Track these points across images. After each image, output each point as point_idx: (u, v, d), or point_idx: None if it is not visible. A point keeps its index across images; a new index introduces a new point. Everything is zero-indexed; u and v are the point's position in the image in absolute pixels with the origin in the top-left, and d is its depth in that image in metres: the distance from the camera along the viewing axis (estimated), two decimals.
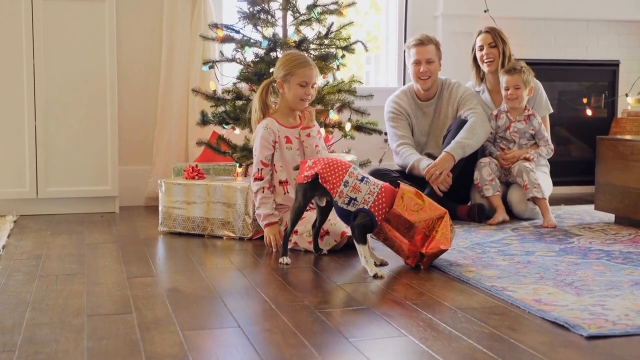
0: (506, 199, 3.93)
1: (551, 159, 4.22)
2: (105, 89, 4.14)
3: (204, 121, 3.90)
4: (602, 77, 5.35)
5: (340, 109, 3.95)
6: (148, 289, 2.51)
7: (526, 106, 4.00)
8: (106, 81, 4.14)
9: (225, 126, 3.89)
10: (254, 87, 3.82)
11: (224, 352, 1.92)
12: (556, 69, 5.22)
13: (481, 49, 4.12)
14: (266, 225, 3.20)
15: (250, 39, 3.84)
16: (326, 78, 3.96)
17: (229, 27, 3.89)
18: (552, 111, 4.20)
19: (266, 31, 3.84)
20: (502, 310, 2.26)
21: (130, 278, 2.66)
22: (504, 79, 3.95)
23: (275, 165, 3.25)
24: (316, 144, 3.28)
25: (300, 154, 3.28)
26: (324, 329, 2.08)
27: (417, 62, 4.03)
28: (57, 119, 4.09)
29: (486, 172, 3.88)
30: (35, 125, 4.05)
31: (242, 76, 3.82)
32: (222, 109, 3.86)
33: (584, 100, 5.34)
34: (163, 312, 2.22)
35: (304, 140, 3.27)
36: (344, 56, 3.90)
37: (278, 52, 3.80)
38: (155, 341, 1.96)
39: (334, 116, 3.92)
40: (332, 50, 3.87)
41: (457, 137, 3.84)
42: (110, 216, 4.11)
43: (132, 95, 4.48)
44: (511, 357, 1.85)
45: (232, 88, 3.87)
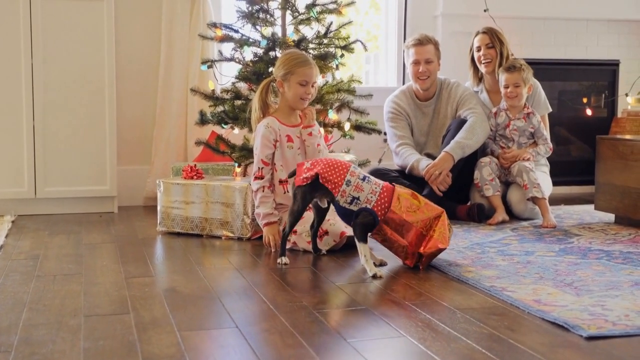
0: (506, 198, 3.92)
1: (551, 159, 4.21)
2: (104, 88, 4.13)
3: (203, 121, 3.89)
4: (602, 76, 5.34)
5: (339, 108, 3.94)
6: (146, 289, 2.49)
7: (525, 104, 3.99)
8: (105, 81, 4.13)
9: (224, 126, 3.88)
10: (253, 87, 3.81)
11: (221, 352, 1.91)
12: (556, 69, 5.21)
13: (478, 49, 4.11)
14: (265, 224, 3.19)
15: (249, 38, 3.83)
16: (325, 78, 3.95)
17: (228, 26, 3.88)
18: (551, 110, 4.19)
19: (265, 30, 3.83)
20: (501, 311, 2.25)
21: (128, 278, 2.65)
22: (503, 77, 3.94)
23: (275, 164, 3.24)
24: (318, 143, 3.28)
25: (302, 153, 3.27)
26: (322, 329, 2.07)
27: (416, 62, 4.02)
28: (56, 118, 4.08)
29: (486, 171, 3.87)
30: (34, 125, 4.04)
31: (241, 76, 3.81)
32: (221, 108, 3.84)
33: (584, 100, 5.33)
34: (160, 313, 2.21)
35: (305, 139, 3.26)
36: (343, 55, 3.89)
37: (277, 52, 3.79)
38: (152, 342, 1.95)
39: (333, 116, 3.91)
40: (331, 50, 3.85)
41: (457, 137, 3.83)
42: (108, 216, 4.09)
43: (130, 95, 4.46)
44: (510, 358, 1.84)
45: (230, 88, 3.86)
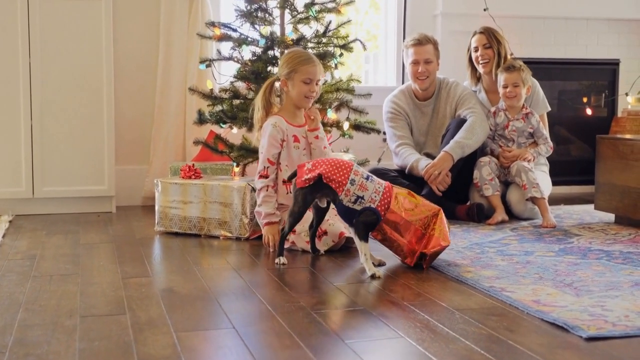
0: (505, 198, 3.90)
1: (551, 159, 4.19)
2: (102, 88, 4.11)
3: (201, 120, 3.87)
4: (602, 76, 5.32)
5: (338, 107, 3.92)
6: (143, 289, 2.48)
7: (524, 104, 3.97)
8: (103, 80, 4.11)
9: (222, 125, 3.87)
10: (251, 86, 3.79)
11: (218, 353, 1.89)
12: (556, 68, 5.19)
13: (476, 50, 4.09)
14: (266, 224, 3.17)
15: (248, 37, 3.81)
16: (324, 77, 3.93)
17: (226, 25, 3.86)
18: (550, 109, 4.17)
19: (264, 30, 3.82)
20: (500, 311, 2.23)
21: (125, 278, 2.63)
22: (502, 77, 3.92)
23: (280, 164, 3.23)
24: (324, 145, 3.29)
25: (307, 154, 3.26)
26: (320, 330, 2.05)
27: (415, 62, 4.01)
28: (54, 118, 4.06)
29: (486, 171, 3.86)
30: (31, 124, 4.02)
31: (239, 75, 3.79)
32: (219, 108, 3.83)
33: (584, 99, 5.31)
34: (157, 313, 2.19)
35: (312, 142, 3.26)
36: (342, 55, 3.88)
37: (276, 51, 3.77)
38: (148, 343, 1.93)
39: (332, 115, 3.90)
40: (330, 49, 3.84)
41: (456, 137, 3.81)
42: (106, 216, 4.08)
43: (129, 94, 4.45)
44: (509, 359, 1.82)
45: (229, 87, 3.84)
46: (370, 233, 2.80)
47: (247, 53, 3.81)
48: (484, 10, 4.76)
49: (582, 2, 5.13)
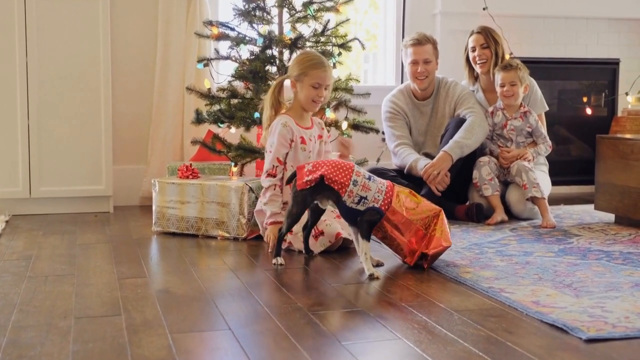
0: (505, 198, 3.88)
1: (551, 159, 4.17)
2: (99, 87, 4.09)
3: (199, 120, 3.85)
4: (602, 75, 5.30)
5: (336, 107, 3.90)
6: (138, 290, 2.46)
7: (522, 103, 3.95)
8: (100, 79, 4.08)
9: (220, 125, 3.84)
10: (250, 85, 3.77)
11: (213, 355, 1.87)
12: (556, 68, 5.17)
13: (473, 50, 4.07)
14: (271, 223, 3.13)
15: (246, 36, 3.79)
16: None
17: (224, 24, 3.83)
18: (548, 109, 4.15)
19: (262, 29, 3.79)
20: (499, 312, 2.21)
21: (121, 279, 2.61)
22: (499, 76, 3.90)
23: (286, 164, 3.20)
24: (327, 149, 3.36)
25: (313, 157, 3.24)
26: (317, 332, 2.03)
27: (414, 62, 3.99)
28: (51, 117, 4.04)
29: (485, 171, 3.84)
30: (29, 124, 4.00)
31: (237, 74, 3.77)
32: (217, 107, 3.81)
33: (584, 99, 5.29)
34: (152, 314, 2.17)
35: (320, 149, 3.30)
36: (340, 54, 3.85)
37: (274, 50, 3.75)
38: (142, 344, 1.91)
39: (331, 114, 3.87)
40: (328, 48, 3.82)
41: (456, 137, 3.79)
42: (104, 216, 4.06)
43: (126, 94, 4.42)
44: None
45: (227, 86, 3.82)
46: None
47: (245, 52, 3.78)
48: (484, 9, 4.74)
49: (582, 1, 5.10)
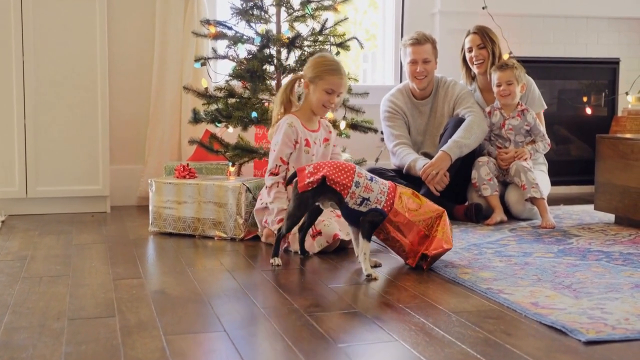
0: (504, 199, 3.86)
1: (550, 158, 4.15)
2: (96, 86, 4.06)
3: (196, 119, 3.82)
4: (602, 75, 5.27)
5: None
6: (133, 291, 2.43)
7: (519, 102, 3.92)
8: (97, 78, 4.06)
9: (218, 124, 3.82)
10: (247, 85, 3.75)
11: (208, 357, 1.85)
12: (555, 67, 5.15)
13: (470, 50, 4.04)
14: (280, 220, 3.09)
15: (243, 35, 3.76)
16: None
17: (221, 23, 3.81)
18: (546, 107, 4.12)
19: (259, 28, 3.77)
20: (497, 314, 2.19)
21: (116, 280, 2.58)
22: (495, 76, 3.88)
23: (289, 165, 3.18)
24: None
25: (315, 161, 3.20)
26: (313, 333, 2.00)
27: (413, 62, 3.96)
28: (47, 116, 4.02)
29: (484, 171, 3.81)
30: (25, 123, 3.98)
31: (235, 73, 3.75)
32: (215, 106, 3.78)
33: (584, 98, 5.26)
34: (147, 316, 2.15)
35: (324, 152, 3.27)
36: (338, 53, 3.83)
37: (271, 49, 3.73)
38: (136, 346, 1.88)
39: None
40: (326, 47, 3.79)
41: (454, 136, 3.77)
42: (101, 216, 4.03)
43: (124, 93, 4.40)
44: None
45: (224, 85, 3.80)
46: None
47: (242, 51, 3.76)
48: (483, 8, 4.71)
49: (582, 0, 5.08)
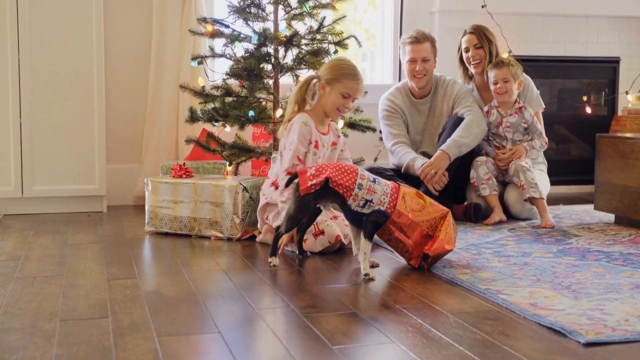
0: (503, 198, 3.83)
1: (550, 158, 4.12)
2: (93, 84, 4.03)
3: (193, 118, 3.79)
4: (602, 74, 5.24)
5: None
6: (127, 291, 2.40)
7: (517, 99, 3.89)
8: (93, 76, 4.03)
9: (215, 123, 3.79)
10: (244, 84, 3.72)
11: (200, 359, 1.82)
12: (555, 66, 5.11)
13: (467, 50, 4.01)
14: None
15: (240, 33, 3.73)
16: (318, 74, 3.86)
17: (218, 21, 3.78)
18: (544, 107, 4.09)
19: (257, 26, 3.74)
20: (495, 315, 2.16)
21: (110, 280, 2.55)
22: (492, 74, 3.85)
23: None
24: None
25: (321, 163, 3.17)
26: (308, 335, 1.97)
27: (412, 61, 3.93)
28: (43, 115, 3.99)
29: (482, 170, 3.78)
30: (21, 122, 3.95)
31: (232, 72, 3.72)
32: (212, 105, 3.75)
33: (584, 98, 5.23)
34: (140, 317, 2.12)
35: (330, 156, 3.22)
36: (336, 52, 3.80)
37: (269, 47, 3.70)
38: (128, 348, 1.85)
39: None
40: (324, 46, 3.76)
41: (453, 136, 3.74)
42: (97, 216, 4.00)
43: (120, 92, 4.37)
44: None
45: (221, 84, 3.77)
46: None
47: (239, 50, 3.73)
48: (482, 7, 4.68)
49: None
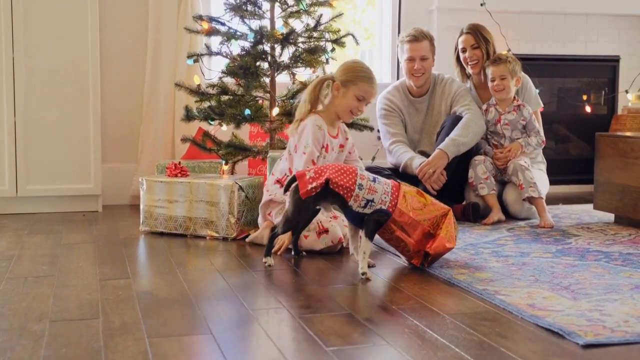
0: (502, 198, 3.80)
1: (549, 157, 4.08)
2: (88, 83, 3.99)
3: (188, 117, 3.76)
4: (601, 73, 5.20)
5: None
6: (119, 292, 2.37)
7: (515, 97, 3.86)
8: (89, 75, 3.99)
9: (211, 122, 3.76)
10: (240, 82, 3.68)
11: None
12: (555, 65, 5.08)
13: (464, 50, 3.96)
14: None
15: (237, 31, 3.70)
16: (316, 72, 3.83)
17: (214, 19, 3.75)
18: (543, 106, 4.05)
19: (253, 24, 3.70)
20: (493, 316, 2.12)
21: (102, 280, 2.52)
22: (489, 71, 3.81)
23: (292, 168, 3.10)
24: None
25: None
26: (302, 336, 1.94)
27: (410, 59, 3.89)
28: (38, 114, 3.95)
29: (481, 170, 3.75)
30: (15, 121, 3.91)
31: (228, 70, 3.68)
32: (208, 104, 3.72)
33: (584, 96, 5.20)
34: (131, 318, 2.08)
35: (337, 158, 3.17)
36: (333, 50, 3.77)
37: (265, 45, 3.67)
38: (118, 349, 1.82)
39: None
40: (321, 44, 3.73)
41: (451, 134, 3.71)
42: (92, 215, 3.97)
43: (116, 90, 4.33)
44: None
45: (217, 82, 3.74)
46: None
47: (235, 48, 3.70)
48: (481, 5, 4.65)
49: None
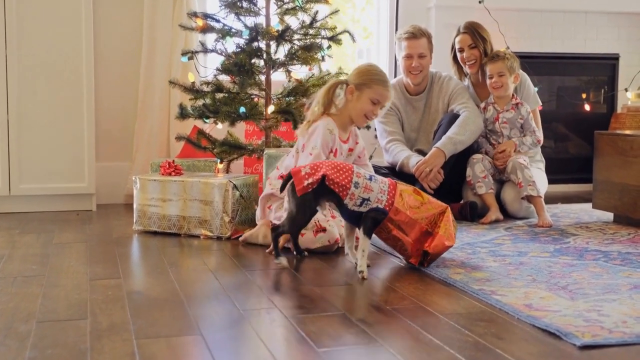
0: (500, 197, 3.76)
1: (548, 156, 4.04)
2: (82, 81, 3.96)
3: (183, 114, 3.72)
4: (601, 71, 5.17)
5: None
6: (109, 292, 2.33)
7: (514, 95, 3.82)
8: (82, 73, 3.95)
9: (206, 120, 3.72)
10: (235, 79, 3.64)
11: None
12: (554, 63, 5.04)
13: (461, 50, 3.92)
14: None
15: (232, 28, 3.66)
16: (312, 70, 3.79)
17: (209, 16, 3.71)
18: (541, 104, 4.02)
19: (248, 21, 3.67)
20: (489, 317, 2.08)
21: (92, 280, 2.48)
22: (487, 68, 3.77)
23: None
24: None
25: None
26: (294, 337, 1.90)
27: (408, 56, 3.86)
28: (31, 112, 3.91)
29: (479, 168, 3.71)
30: (8, 118, 3.87)
31: (223, 68, 3.65)
32: (202, 101, 3.68)
33: (583, 95, 5.16)
34: (120, 318, 2.04)
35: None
36: (330, 47, 3.73)
37: (260, 43, 3.63)
38: (105, 351, 1.78)
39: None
40: (317, 41, 3.69)
41: (449, 133, 3.67)
42: (86, 214, 3.93)
43: (110, 88, 4.29)
44: None
45: (212, 80, 3.70)
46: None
47: (230, 45, 3.66)
48: (479, 2, 4.62)
49: None
